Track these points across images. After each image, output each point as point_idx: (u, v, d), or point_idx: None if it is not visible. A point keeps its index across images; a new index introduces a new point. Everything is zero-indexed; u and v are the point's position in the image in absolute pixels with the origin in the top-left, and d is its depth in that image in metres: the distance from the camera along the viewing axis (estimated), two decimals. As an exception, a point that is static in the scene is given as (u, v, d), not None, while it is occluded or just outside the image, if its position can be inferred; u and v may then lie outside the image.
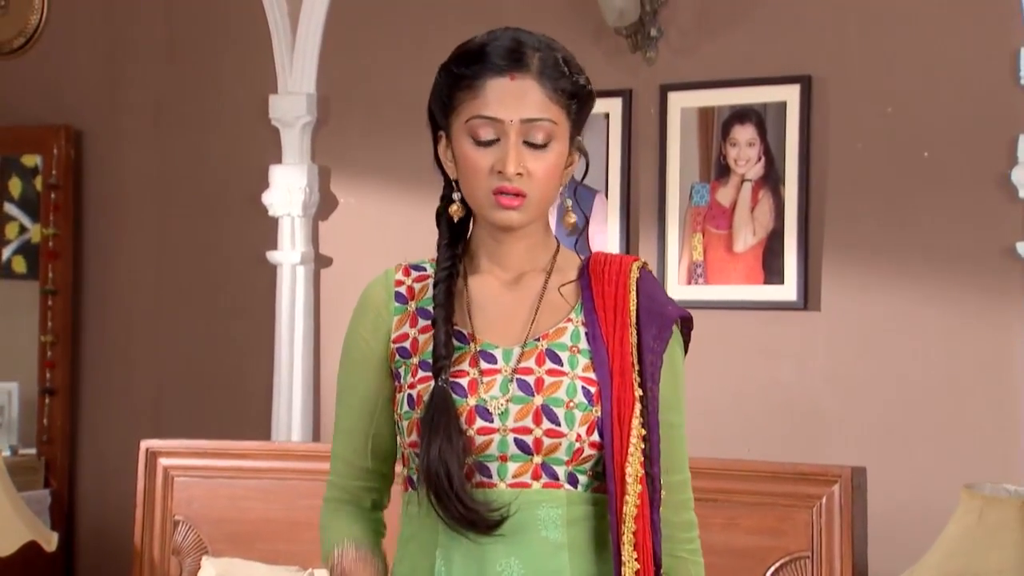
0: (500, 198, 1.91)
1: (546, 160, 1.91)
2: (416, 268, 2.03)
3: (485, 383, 1.91)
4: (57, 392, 4.82)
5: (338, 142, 4.48)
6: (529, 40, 1.93)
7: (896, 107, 3.76)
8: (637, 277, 1.98)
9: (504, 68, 1.90)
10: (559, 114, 1.91)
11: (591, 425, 1.90)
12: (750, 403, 3.89)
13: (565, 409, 1.89)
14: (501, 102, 1.89)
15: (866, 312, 3.76)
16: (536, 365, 1.92)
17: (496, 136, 1.90)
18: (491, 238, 1.97)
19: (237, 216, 4.60)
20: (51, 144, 4.83)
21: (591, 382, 1.91)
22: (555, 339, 1.94)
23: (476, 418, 1.89)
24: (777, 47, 3.89)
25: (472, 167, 1.92)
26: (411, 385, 1.94)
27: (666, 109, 3.97)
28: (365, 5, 4.43)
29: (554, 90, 1.90)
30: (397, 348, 1.97)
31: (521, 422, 1.89)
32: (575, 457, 1.90)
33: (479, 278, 1.99)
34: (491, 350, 1.93)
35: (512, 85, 1.90)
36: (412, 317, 1.98)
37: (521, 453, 1.89)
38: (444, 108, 1.95)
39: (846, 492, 3.17)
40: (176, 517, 3.84)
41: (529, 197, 1.91)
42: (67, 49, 4.88)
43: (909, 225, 3.73)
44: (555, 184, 1.94)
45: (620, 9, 3.92)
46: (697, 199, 3.95)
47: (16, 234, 5.03)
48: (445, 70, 1.96)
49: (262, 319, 4.52)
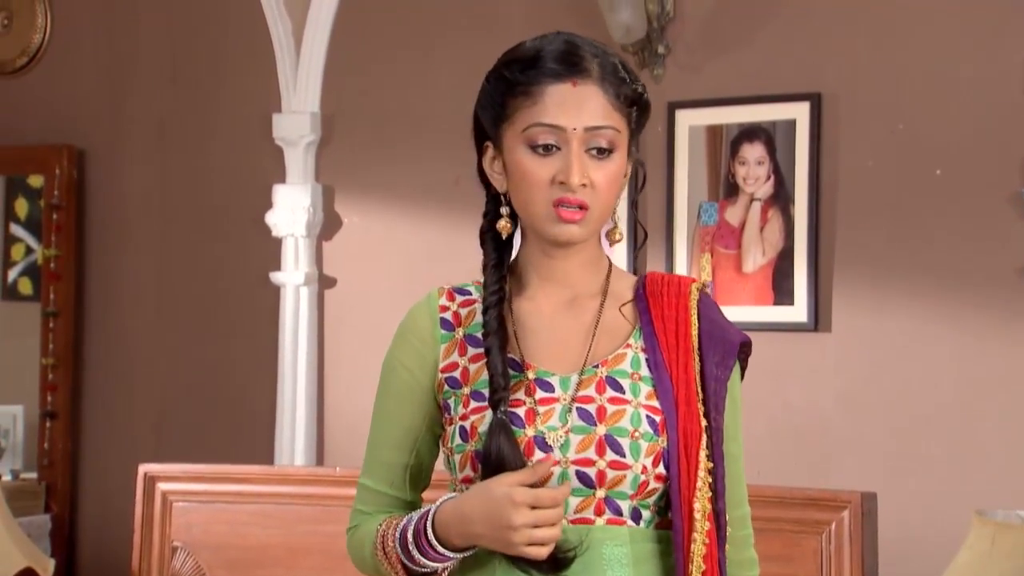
0: (561, 211, 1.79)
1: (609, 170, 1.80)
2: (460, 292, 1.91)
3: (542, 413, 1.80)
4: (58, 415, 4.78)
5: (342, 161, 4.44)
6: (585, 44, 1.83)
7: (907, 124, 3.71)
8: (697, 300, 1.87)
9: (563, 73, 1.80)
10: (621, 122, 1.82)
11: (657, 456, 1.79)
12: (759, 426, 3.83)
13: (630, 439, 1.78)
14: (562, 109, 1.79)
15: (877, 333, 3.70)
16: (597, 393, 1.81)
17: (557, 145, 1.80)
18: (544, 255, 1.86)
19: (240, 236, 4.56)
20: (53, 164, 4.80)
21: (656, 411, 1.81)
22: (615, 366, 1.83)
23: (535, 450, 1.78)
24: (787, 64, 3.84)
25: (531, 178, 1.80)
26: (463, 417, 1.83)
27: (674, 127, 3.93)
28: (369, 23, 4.40)
29: (616, 96, 1.81)
30: (446, 378, 1.86)
31: (583, 453, 1.78)
32: (640, 490, 1.79)
33: (528, 301, 1.88)
34: (547, 378, 1.82)
35: (574, 91, 1.79)
36: (461, 345, 1.87)
37: (583, 487, 1.78)
38: (495, 117, 1.84)
39: (856, 518, 3.10)
40: (175, 543, 3.78)
41: (591, 210, 1.80)
42: (70, 68, 4.86)
43: (921, 244, 3.67)
44: (616, 196, 1.84)
45: (627, 26, 3.88)
46: (705, 218, 3.89)
47: (22, 255, 5.00)
48: (496, 76, 1.85)
49: (265, 341, 4.48)
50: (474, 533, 1.76)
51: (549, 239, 1.84)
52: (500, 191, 1.87)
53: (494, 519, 1.74)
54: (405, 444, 1.91)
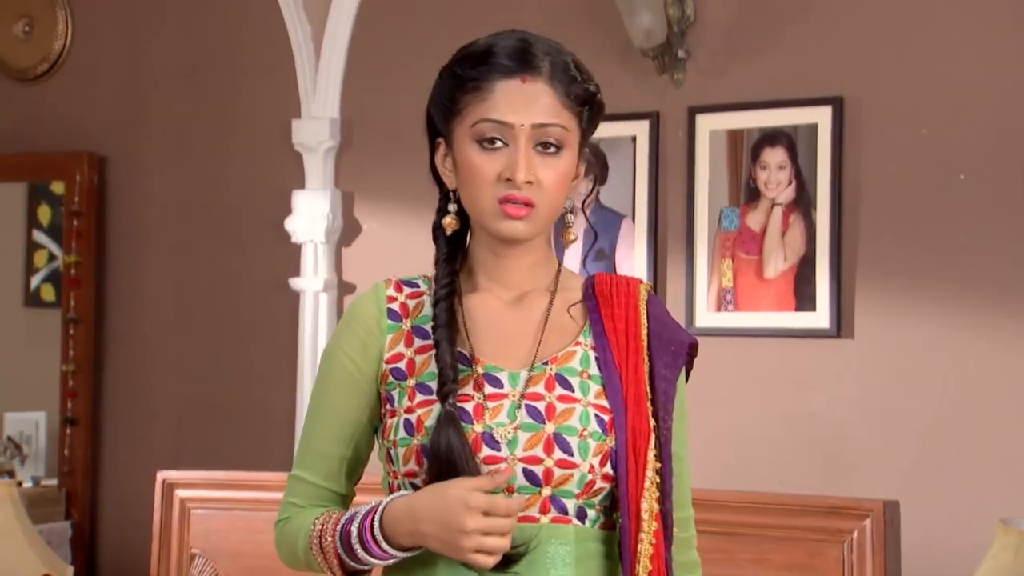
0: (507, 207, 1.79)
1: (556, 168, 1.80)
2: (408, 284, 1.91)
3: (491, 409, 1.79)
4: (78, 422, 4.77)
5: (362, 167, 4.43)
6: (538, 42, 1.83)
7: (931, 128, 3.67)
8: (646, 300, 1.88)
9: (514, 70, 1.80)
10: (570, 120, 1.81)
11: (605, 456, 1.79)
12: (781, 434, 3.80)
13: (579, 438, 1.78)
14: (511, 105, 1.79)
15: (900, 340, 3.66)
16: (546, 390, 1.80)
17: (504, 141, 1.80)
18: (491, 253, 1.86)
19: (259, 243, 4.55)
20: (74, 170, 4.79)
21: (604, 410, 1.80)
22: (564, 363, 1.82)
23: (483, 446, 1.77)
24: (808, 68, 3.81)
25: (477, 174, 1.80)
26: (408, 410, 1.81)
27: (694, 132, 3.89)
28: (389, 29, 4.38)
29: (566, 95, 1.80)
30: (391, 369, 1.84)
31: (531, 451, 1.77)
32: (586, 490, 1.79)
33: (477, 296, 1.87)
34: (496, 373, 1.81)
35: (523, 88, 1.79)
36: (407, 336, 1.86)
37: (529, 484, 1.77)
38: (446, 113, 1.84)
39: (878, 526, 3.06)
40: (193, 550, 3.77)
41: (537, 208, 1.80)
42: (91, 75, 4.86)
43: (945, 250, 3.63)
44: (563, 196, 1.83)
45: (647, 30, 3.85)
46: (726, 224, 3.86)
47: (45, 262, 5.00)
48: (447, 72, 1.85)
49: (284, 347, 4.46)
50: (423, 532, 1.74)
51: (495, 235, 1.83)
52: (451, 187, 1.86)
53: (446, 521, 1.72)
54: (344, 436, 1.88)
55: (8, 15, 4.97)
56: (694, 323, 3.87)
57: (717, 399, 3.82)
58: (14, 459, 4.93)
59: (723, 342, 3.84)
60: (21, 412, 5.03)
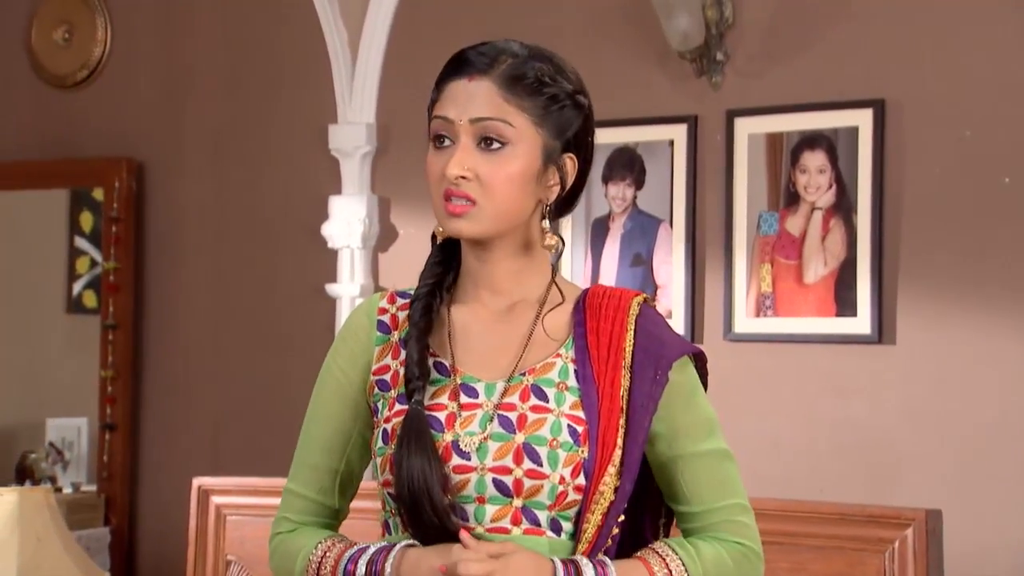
0: (448, 204, 1.77)
1: (502, 165, 1.77)
2: (403, 295, 1.89)
3: (463, 418, 1.77)
4: (117, 428, 4.78)
5: (398, 172, 4.41)
6: (508, 47, 1.82)
7: (974, 131, 3.61)
8: (636, 314, 1.83)
9: (464, 71, 1.80)
10: (519, 118, 1.78)
11: (577, 467, 1.75)
12: (822, 441, 3.75)
13: (548, 448, 1.75)
14: (454, 101, 1.78)
15: (943, 346, 3.61)
16: (520, 401, 1.77)
17: (450, 138, 1.79)
18: (474, 258, 1.84)
19: (296, 248, 4.55)
20: (113, 177, 4.80)
21: (578, 420, 1.77)
22: (542, 374, 1.79)
23: (452, 455, 1.75)
24: (848, 70, 3.76)
25: (428, 170, 1.81)
26: (387, 419, 1.80)
27: (732, 135, 3.85)
28: (425, 34, 4.36)
29: (515, 93, 1.78)
30: (376, 381, 1.84)
31: (500, 461, 1.75)
32: (558, 501, 1.76)
33: (465, 306, 1.85)
34: (473, 384, 1.79)
35: (468, 85, 1.79)
36: (394, 348, 1.84)
37: (500, 495, 1.75)
38: (428, 119, 1.85)
39: (920, 536, 3.01)
40: (228, 557, 3.76)
41: (480, 204, 1.76)
42: (129, 81, 4.87)
43: (988, 254, 3.58)
44: (517, 195, 1.78)
45: (684, 32, 3.81)
46: (765, 228, 3.81)
47: (87, 268, 5.02)
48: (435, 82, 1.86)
49: (321, 353, 4.37)
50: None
51: (447, 234, 1.82)
52: None
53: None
54: (336, 448, 1.87)
55: (48, 22, 4.99)
56: (733, 329, 3.82)
57: (756, 406, 3.78)
58: (56, 465, 4.95)
59: (762, 348, 3.79)
60: (63, 418, 5.04)
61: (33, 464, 4.95)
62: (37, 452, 4.96)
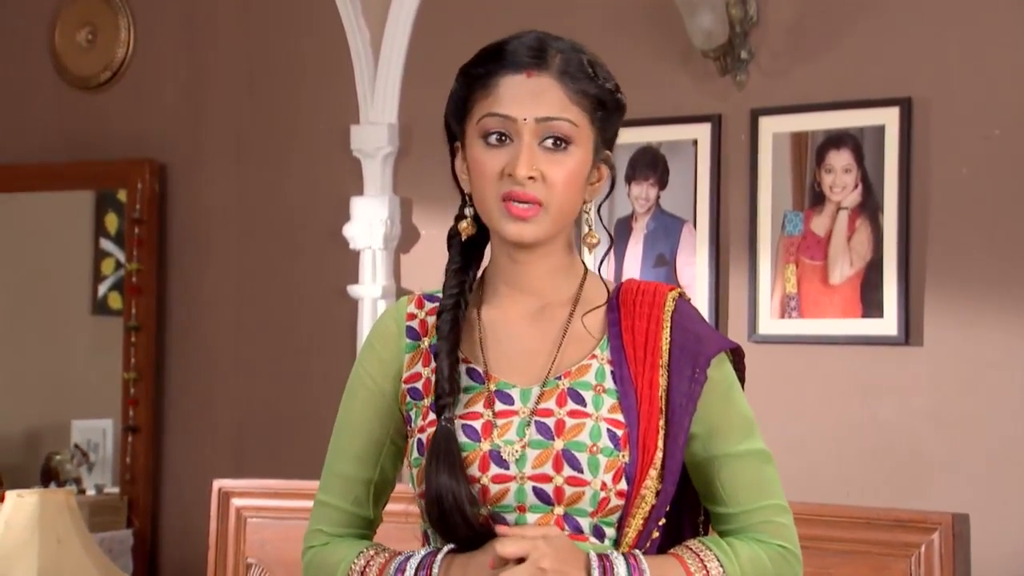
0: (510, 206, 1.71)
1: (565, 165, 1.73)
2: (431, 299, 1.84)
3: (500, 426, 1.72)
4: (140, 430, 4.77)
5: (420, 173, 4.39)
6: (552, 39, 1.77)
7: (1003, 129, 3.56)
8: (672, 310, 1.78)
9: (521, 64, 1.74)
10: (580, 117, 1.74)
11: (618, 472, 1.71)
12: (848, 444, 3.70)
13: (588, 454, 1.70)
14: (515, 99, 1.72)
15: (971, 348, 3.56)
16: (556, 406, 1.73)
17: (509, 136, 1.73)
18: (508, 259, 1.78)
19: (318, 249, 4.53)
20: (135, 178, 4.80)
21: (618, 424, 1.72)
22: (578, 377, 1.75)
23: (490, 464, 1.71)
24: (875, 68, 3.71)
25: (482, 170, 1.73)
26: (421, 429, 1.76)
27: (757, 135, 3.81)
28: (447, 34, 4.34)
29: (575, 91, 1.74)
30: (408, 389, 1.79)
31: (540, 468, 1.70)
32: (600, 508, 1.71)
33: (495, 309, 1.79)
34: (507, 390, 1.75)
35: (529, 82, 1.73)
36: (425, 355, 1.79)
37: (541, 503, 1.70)
38: (459, 114, 1.79)
39: (947, 541, 2.96)
40: (249, 559, 3.74)
41: (545, 206, 1.72)
42: (152, 83, 4.87)
43: (1017, 255, 3.53)
44: (575, 195, 1.75)
45: (708, 31, 3.77)
46: (790, 228, 3.77)
47: (112, 270, 5.01)
48: (462, 74, 1.80)
49: (343, 355, 4.43)
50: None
51: (503, 237, 1.75)
52: (467, 191, 1.80)
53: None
54: (369, 458, 1.82)
55: (71, 24, 5.00)
56: (757, 330, 3.78)
57: (781, 408, 3.73)
58: (81, 467, 4.94)
59: (787, 350, 3.75)
60: (89, 420, 5.04)
61: (58, 466, 4.95)
62: (62, 454, 4.96)
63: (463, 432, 1.72)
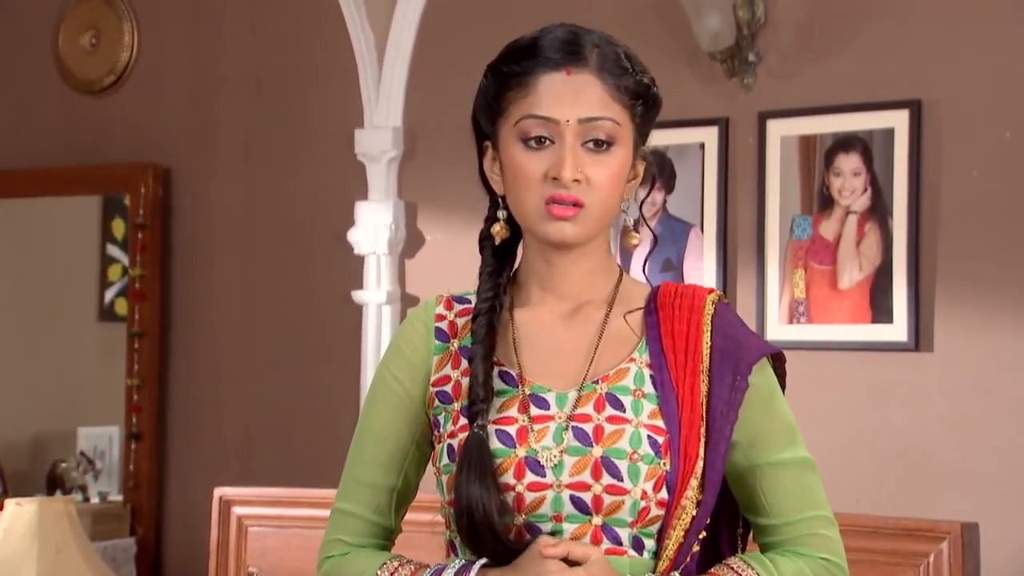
0: (553, 208, 1.66)
1: (608, 166, 1.68)
2: (459, 300, 1.78)
3: (536, 431, 1.66)
4: (143, 437, 4.74)
5: (425, 177, 4.36)
6: (586, 33, 1.71)
7: (1014, 132, 3.52)
8: (712, 313, 1.73)
9: (559, 62, 1.68)
10: (622, 114, 1.69)
11: (659, 480, 1.65)
12: (858, 451, 3.66)
13: (628, 461, 1.64)
14: (556, 99, 1.67)
15: (982, 353, 3.52)
16: (595, 411, 1.67)
17: (550, 138, 1.68)
18: (543, 261, 1.72)
19: (323, 254, 4.50)
20: (139, 183, 4.77)
21: (659, 431, 1.66)
22: (616, 381, 1.69)
23: (526, 472, 1.65)
24: (884, 70, 3.67)
25: (522, 173, 1.67)
26: (451, 434, 1.69)
27: (765, 138, 3.77)
28: (452, 38, 4.31)
29: (616, 87, 1.69)
30: (437, 392, 1.73)
31: (578, 476, 1.64)
32: (640, 518, 1.65)
33: (529, 310, 1.74)
34: (543, 394, 1.69)
35: (569, 80, 1.67)
36: (454, 357, 1.74)
37: (578, 513, 1.64)
38: (492, 113, 1.72)
39: (956, 550, 2.91)
40: (250, 568, 3.70)
41: (587, 208, 1.67)
42: (156, 87, 4.85)
43: (1029, 259, 3.48)
44: (617, 196, 1.70)
45: (715, 32, 3.73)
46: (798, 232, 3.73)
47: (119, 276, 4.99)
48: (491, 70, 1.74)
49: (348, 361, 4.40)
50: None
51: (543, 239, 1.70)
52: (499, 193, 1.74)
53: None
54: (393, 465, 1.76)
55: (75, 28, 4.98)
56: (765, 335, 3.74)
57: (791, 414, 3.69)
58: (87, 474, 4.91)
59: (795, 356, 3.65)
60: (95, 427, 5.02)
61: (64, 473, 4.92)
62: (68, 461, 4.93)
63: (497, 437, 1.66)
